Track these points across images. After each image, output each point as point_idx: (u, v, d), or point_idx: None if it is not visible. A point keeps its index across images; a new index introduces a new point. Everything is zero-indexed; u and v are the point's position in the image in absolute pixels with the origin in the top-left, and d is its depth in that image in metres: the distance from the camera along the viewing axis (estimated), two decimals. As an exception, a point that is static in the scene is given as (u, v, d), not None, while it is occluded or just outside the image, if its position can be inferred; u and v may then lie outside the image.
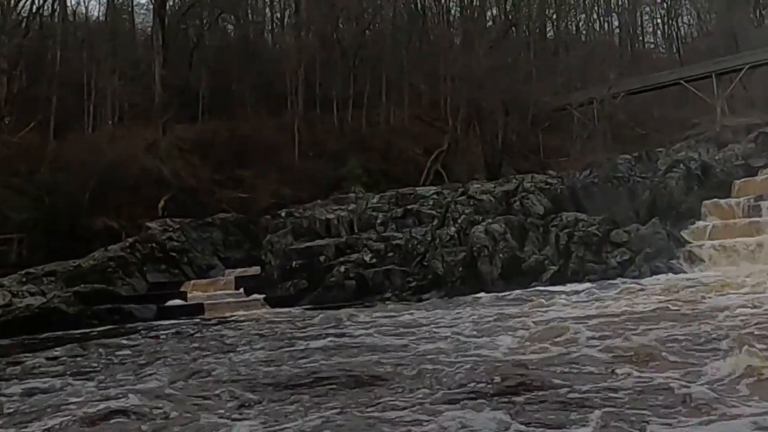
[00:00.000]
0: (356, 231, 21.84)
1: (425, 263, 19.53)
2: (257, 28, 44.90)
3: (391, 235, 20.81)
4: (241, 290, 21.39)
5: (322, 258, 20.47)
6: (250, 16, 43.93)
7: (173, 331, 15.08)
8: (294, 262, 20.69)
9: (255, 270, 22.75)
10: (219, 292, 21.70)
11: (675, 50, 56.74)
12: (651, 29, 59.78)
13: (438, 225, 21.10)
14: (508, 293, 17.45)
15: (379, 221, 21.95)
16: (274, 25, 45.09)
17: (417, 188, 25.67)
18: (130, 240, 24.54)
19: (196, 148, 33.18)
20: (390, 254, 20.00)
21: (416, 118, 39.25)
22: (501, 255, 19.45)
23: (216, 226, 26.10)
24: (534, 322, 11.53)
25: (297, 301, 19.60)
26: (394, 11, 43.48)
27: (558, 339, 9.56)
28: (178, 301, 20.79)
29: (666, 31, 58.26)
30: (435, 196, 23.03)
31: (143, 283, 23.15)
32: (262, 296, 20.32)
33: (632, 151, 27.93)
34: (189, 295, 21.27)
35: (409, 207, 22.31)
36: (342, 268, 19.53)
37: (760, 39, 46.15)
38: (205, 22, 38.35)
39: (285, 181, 32.04)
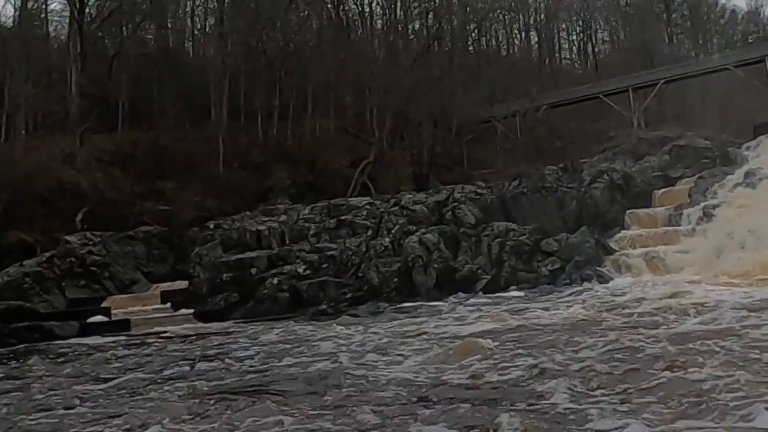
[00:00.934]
0: (288, 242, 21.44)
1: (360, 274, 19.32)
2: (179, 37, 43.90)
3: (324, 246, 20.50)
4: (168, 305, 20.70)
5: (253, 270, 19.97)
6: (172, 24, 42.86)
7: (80, 352, 14.28)
8: (224, 275, 20.12)
9: (182, 284, 22.05)
10: (144, 308, 20.94)
11: (590, 66, 58.63)
12: (567, 46, 61.61)
13: (372, 236, 20.94)
14: (440, 303, 17.49)
15: (311, 232, 21.61)
16: (198, 34, 44.20)
17: (349, 199, 25.44)
18: (47, 254, 23.43)
19: (115, 159, 32.10)
20: (324, 265, 19.68)
21: (342, 129, 39.11)
22: (435, 265, 19.47)
23: (139, 240, 25.24)
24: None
25: (228, 314, 19.04)
26: (319, 23, 43.27)
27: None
28: (101, 318, 19.87)
29: (581, 47, 60.06)
30: (368, 207, 22.86)
31: (62, 299, 22.13)
32: (191, 311, 19.69)
33: (552, 163, 28.47)
34: (113, 311, 20.36)
35: (342, 218, 22.05)
36: (275, 280, 19.10)
37: (672, 55, 48.29)
38: (125, 29, 37.18)
39: (208, 193, 31.31)
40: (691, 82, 44.45)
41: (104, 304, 21.31)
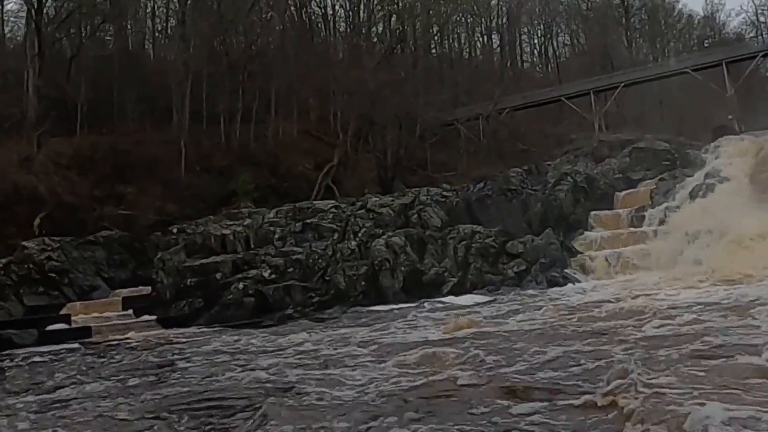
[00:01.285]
0: (253, 246, 21.18)
1: (327, 278, 19.17)
2: (139, 38, 43.25)
3: (290, 250, 20.29)
4: (130, 311, 20.30)
5: (218, 275, 19.66)
6: (132, 26, 42.19)
7: (31, 360, 13.98)
8: (188, 280, 19.79)
9: (144, 290, 21.64)
10: (105, 314, 20.47)
11: (551, 69, 59.22)
12: (528, 49, 62.15)
13: (338, 239, 20.80)
14: (406, 305, 17.44)
15: (277, 236, 21.38)
16: (159, 36, 43.59)
17: (315, 202, 25.27)
18: (4, 260, 22.76)
19: (73, 162, 31.32)
20: (290, 270, 19.47)
21: (305, 132, 38.84)
22: (402, 268, 19.43)
23: (99, 245, 24.67)
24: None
25: (192, 320, 18.71)
26: (282, 25, 42.98)
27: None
28: (61, 325, 19.36)
29: (543, 50, 60.65)
30: (334, 210, 22.71)
31: (19, 306, 21.48)
32: (154, 317, 19.34)
33: (515, 166, 28.68)
34: (73, 318, 19.87)
35: (307, 221, 21.87)
36: (240, 285, 18.83)
37: (631, 59, 49.02)
38: (84, 31, 36.45)
39: (170, 197, 30.80)
40: (649, 85, 45.20)
41: (63, 311, 20.75)
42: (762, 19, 57.52)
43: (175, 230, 23.33)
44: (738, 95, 37.56)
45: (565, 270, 20.02)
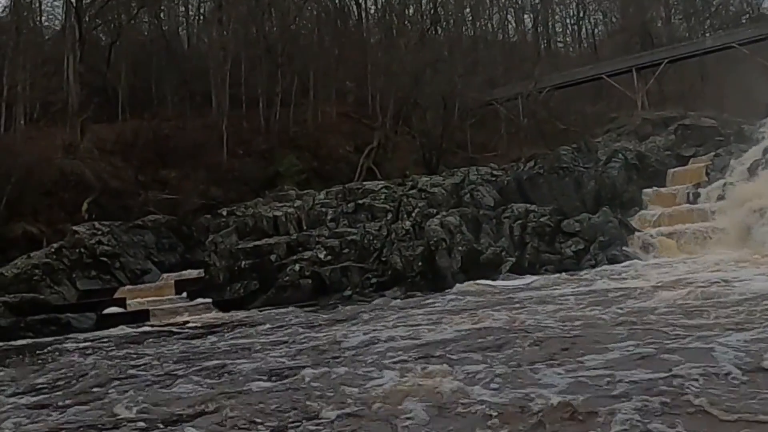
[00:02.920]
0: (306, 228, 21.02)
1: (383, 258, 18.93)
2: (178, 23, 43.23)
3: (344, 231, 20.10)
4: (184, 295, 20.28)
5: (272, 257, 19.54)
6: (169, 12, 42.16)
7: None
8: (242, 263, 19.69)
9: (197, 273, 21.62)
10: (159, 298, 20.50)
11: (584, 48, 58.31)
12: (561, 29, 61.24)
13: (392, 219, 20.56)
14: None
15: (329, 217, 21.21)
16: (197, 20, 43.54)
17: (364, 183, 25.06)
18: (56, 245, 22.90)
19: (117, 148, 31.54)
20: (345, 251, 19.28)
21: (344, 115, 38.65)
22: (459, 248, 19.11)
23: (147, 229, 24.82)
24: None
25: (249, 303, 18.64)
26: (318, 7, 42.70)
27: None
28: (116, 309, 19.41)
29: (577, 30, 59.75)
30: (385, 191, 22.48)
31: (73, 290, 21.64)
32: (209, 300, 19.29)
33: (554, 146, 28.22)
34: (128, 302, 19.90)
35: (360, 202, 21.66)
36: (296, 267, 18.68)
37: (670, 37, 48.08)
38: (123, 17, 36.45)
39: (213, 181, 30.92)
40: (689, 63, 44.31)
41: (117, 295, 20.86)
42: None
43: (224, 213, 23.25)
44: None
45: (625, 248, 19.56)
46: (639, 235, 20.39)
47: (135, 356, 11.17)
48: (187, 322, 17.00)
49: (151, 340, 13.33)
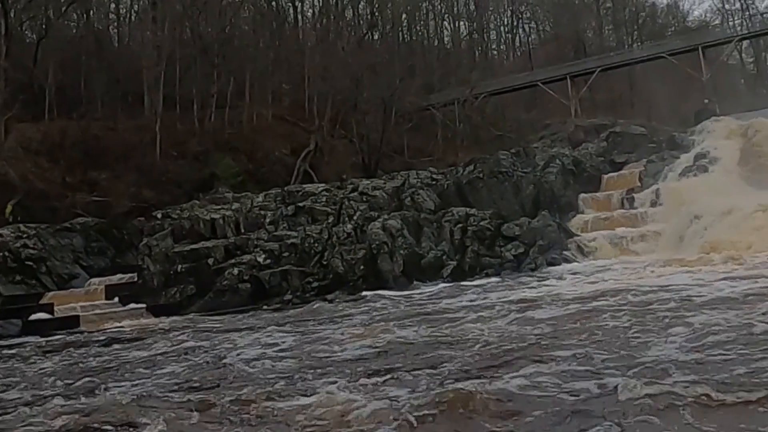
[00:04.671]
0: (244, 231, 20.51)
1: (324, 262, 18.64)
2: (109, 21, 41.94)
3: (284, 234, 19.71)
4: (116, 300, 19.54)
5: (210, 261, 19.00)
6: (100, 8, 40.82)
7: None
8: (178, 267, 19.09)
9: (128, 277, 20.88)
10: (89, 304, 19.67)
11: (517, 55, 59.22)
12: (495, 37, 62.01)
13: (333, 222, 20.29)
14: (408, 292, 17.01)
15: (268, 220, 20.77)
16: (129, 18, 42.28)
17: (304, 185, 24.69)
18: (-23, 249, 21.78)
19: (43, 148, 30.24)
20: (285, 254, 18.91)
21: (280, 118, 38.13)
22: (401, 251, 18.99)
23: (76, 232, 23.91)
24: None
25: (185, 308, 18.09)
26: (254, 9, 42.07)
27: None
28: (44, 315, 18.55)
29: (511, 38, 60.62)
30: (326, 193, 22.18)
31: (-4, 296, 20.57)
32: (143, 305, 18.64)
33: (490, 152, 28.47)
34: (56, 308, 19.03)
35: (300, 204, 21.29)
36: (235, 271, 18.21)
37: (602, 47, 49.31)
38: (51, 13, 35.08)
39: (145, 183, 29.96)
40: (619, 72, 45.51)
41: (44, 301, 19.94)
42: (727, 6, 58.36)
43: (159, 215, 22.54)
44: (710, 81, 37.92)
45: (564, 252, 19.77)
46: (577, 238, 20.66)
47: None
48: (121, 327, 16.34)
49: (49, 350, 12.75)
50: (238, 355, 9.97)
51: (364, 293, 17.31)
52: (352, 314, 13.76)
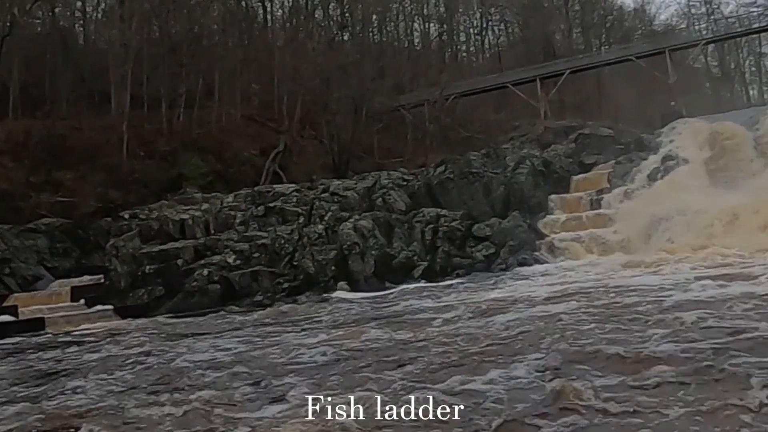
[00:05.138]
0: (214, 232, 20.29)
1: (295, 263, 18.51)
2: (75, 19, 41.23)
3: (254, 235, 19.54)
4: (82, 302, 19.20)
5: (179, 261, 18.75)
6: (67, 5, 40.10)
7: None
8: (146, 267, 18.81)
9: (94, 279, 20.53)
10: (54, 305, 19.32)
11: (487, 57, 59.44)
12: (465, 38, 62.17)
13: (304, 223, 20.16)
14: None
15: (238, 221, 20.57)
16: (95, 16, 41.60)
17: (274, 186, 24.50)
18: (-62, 250, 21.28)
19: (6, 147, 29.59)
20: (256, 255, 18.75)
21: (249, 118, 37.80)
22: (372, 252, 18.95)
23: (40, 233, 23.44)
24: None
25: (153, 309, 17.84)
26: (224, 8, 41.69)
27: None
28: (7, 317, 18.16)
29: (480, 39, 60.86)
30: (296, 194, 22.03)
31: (-43, 298, 20.10)
32: (110, 307, 18.35)
33: (459, 153, 28.56)
34: (20, 310, 18.65)
35: (270, 205, 21.12)
36: (205, 272, 18.00)
37: (571, 49, 49.73)
38: (16, 10, 34.36)
39: (112, 184, 29.46)
40: (587, 75, 45.89)
41: (7, 303, 19.53)
42: (693, 10, 59.25)
43: (126, 216, 22.19)
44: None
45: (535, 252, 19.90)
46: (547, 239, 20.80)
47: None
48: (87, 330, 16.06)
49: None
50: (193, 359, 9.80)
51: (334, 294, 17.30)
52: (320, 316, 13.69)
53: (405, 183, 23.54)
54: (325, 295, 17.43)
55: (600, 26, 60.24)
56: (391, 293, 16.62)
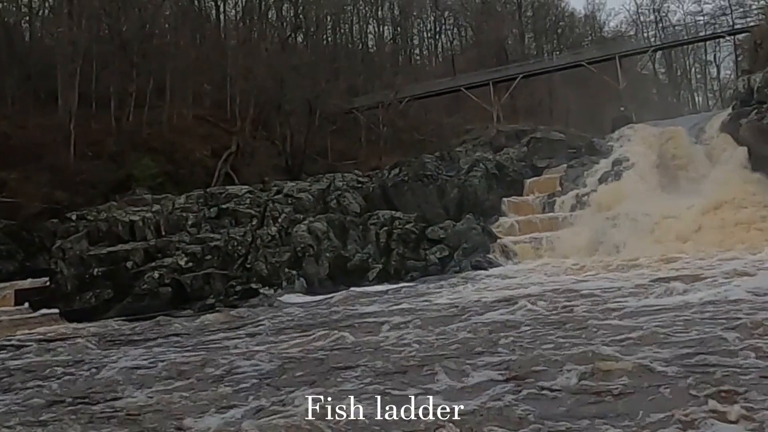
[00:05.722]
0: (165, 233, 19.87)
1: (248, 265, 18.27)
2: (22, 15, 40.12)
3: (206, 237, 19.23)
4: (26, 305, 18.65)
5: (129, 264, 18.33)
6: (12, 1, 38.98)
7: None
8: (94, 270, 18.33)
9: (41, 282, 19.95)
10: (-3, 309, 18.73)
11: (440, 60, 59.75)
12: (419, 42, 62.38)
13: (257, 225, 19.92)
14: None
15: (190, 222, 20.19)
16: (42, 12, 40.51)
17: (228, 187, 24.15)
18: None
19: (-54, 146, 28.68)
20: (208, 257, 18.45)
21: (201, 118, 37.24)
22: (327, 254, 18.82)
23: (-18, 234, 22.70)
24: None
25: (102, 313, 17.39)
26: (176, 7, 41.03)
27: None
28: (-55, 322, 17.53)
29: (434, 43, 61.18)
30: (249, 195, 21.75)
31: None
32: (56, 310, 17.85)
33: (412, 155, 28.63)
34: (-39, 315, 18.03)
35: (223, 206, 20.81)
36: (155, 274, 17.64)
37: (524, 54, 50.31)
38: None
39: (58, 184, 28.65)
40: (538, 79, 46.51)
41: (-56, 309, 18.85)
42: (642, 18, 60.50)
43: (74, 217, 21.58)
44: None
45: (488, 255, 20.01)
46: (500, 241, 20.93)
47: None
48: (34, 334, 15.56)
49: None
50: (124, 367, 9.41)
51: (285, 298, 17.14)
52: (266, 321, 13.38)
53: (360, 185, 23.47)
54: (279, 298, 17.25)
55: (552, 32, 61.14)
56: (342, 296, 16.41)
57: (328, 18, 52.40)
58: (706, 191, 20.16)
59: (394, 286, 17.84)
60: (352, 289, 17.48)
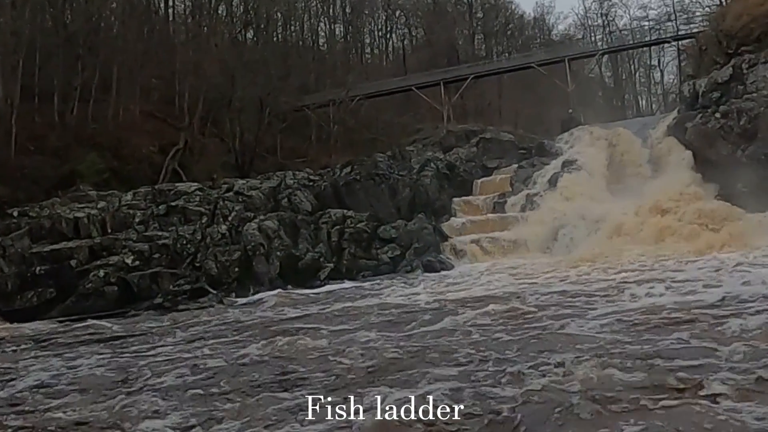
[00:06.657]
0: (111, 231, 19.36)
1: (197, 264, 17.96)
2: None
3: (154, 235, 18.82)
4: (-37, 305, 18.00)
5: (73, 262, 17.81)
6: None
7: None
8: (36, 268, 17.75)
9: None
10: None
11: (391, 59, 59.81)
12: (370, 41, 62.32)
13: (207, 223, 19.59)
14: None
15: (137, 220, 19.73)
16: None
17: (177, 184, 23.72)
18: None
19: None
20: (156, 255, 18.07)
21: (148, 114, 36.48)
22: (278, 253, 18.65)
23: None
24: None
25: (44, 312, 16.85)
26: (124, 0, 40.13)
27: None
28: None
29: (384, 42, 61.18)
30: (199, 192, 21.39)
31: None
32: (-5, 310, 17.27)
33: (363, 154, 28.60)
34: None
35: (172, 204, 20.41)
36: (101, 273, 17.19)
37: (474, 55, 50.68)
38: None
39: (-3, 180, 27.83)
40: (488, 80, 46.86)
41: None
42: (590, 22, 61.48)
43: (15, 213, 20.91)
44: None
45: (440, 255, 20.10)
46: (451, 241, 21.04)
47: None
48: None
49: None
50: (37, 378, 9.05)
51: (233, 298, 16.93)
52: (201, 326, 13.06)
53: (311, 183, 23.33)
54: (227, 298, 17.01)
55: (502, 34, 61.66)
56: (290, 297, 16.18)
57: (279, 15, 51.98)
58: (652, 192, 20.58)
59: (346, 285, 17.79)
60: (300, 289, 17.36)
